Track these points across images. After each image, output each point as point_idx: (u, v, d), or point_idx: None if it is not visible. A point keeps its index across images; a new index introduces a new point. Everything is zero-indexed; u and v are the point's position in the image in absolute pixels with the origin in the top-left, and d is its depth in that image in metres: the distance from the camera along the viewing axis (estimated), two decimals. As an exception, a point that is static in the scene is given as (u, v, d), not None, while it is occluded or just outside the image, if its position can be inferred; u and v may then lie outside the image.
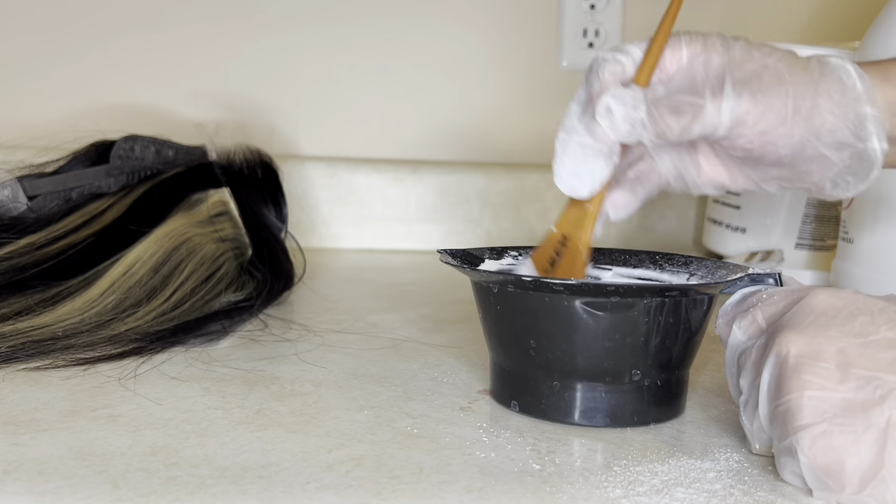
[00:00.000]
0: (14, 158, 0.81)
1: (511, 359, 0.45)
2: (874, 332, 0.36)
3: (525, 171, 1.00)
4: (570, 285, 0.41)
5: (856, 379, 0.35)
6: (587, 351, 0.42)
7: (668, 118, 0.42)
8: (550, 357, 0.43)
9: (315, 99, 1.00)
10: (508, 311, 0.44)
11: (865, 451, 0.33)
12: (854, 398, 0.34)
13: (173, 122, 0.96)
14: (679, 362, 0.44)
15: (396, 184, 0.98)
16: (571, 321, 0.42)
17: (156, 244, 0.64)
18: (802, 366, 0.36)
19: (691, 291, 0.42)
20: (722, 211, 0.91)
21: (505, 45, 1.02)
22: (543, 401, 0.44)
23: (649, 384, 0.43)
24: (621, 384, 0.43)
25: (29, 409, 0.42)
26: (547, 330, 0.42)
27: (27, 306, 0.54)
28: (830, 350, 0.36)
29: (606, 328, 0.41)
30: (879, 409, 0.34)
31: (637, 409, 0.43)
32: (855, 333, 0.36)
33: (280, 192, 0.82)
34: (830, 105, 0.42)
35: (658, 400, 0.44)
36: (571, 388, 0.43)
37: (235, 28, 0.98)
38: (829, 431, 0.34)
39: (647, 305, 0.41)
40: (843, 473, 0.34)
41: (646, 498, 0.35)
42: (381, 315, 0.65)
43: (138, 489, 0.34)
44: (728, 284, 0.44)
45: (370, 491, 0.35)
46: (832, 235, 0.85)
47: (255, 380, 0.49)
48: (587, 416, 0.43)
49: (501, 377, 0.46)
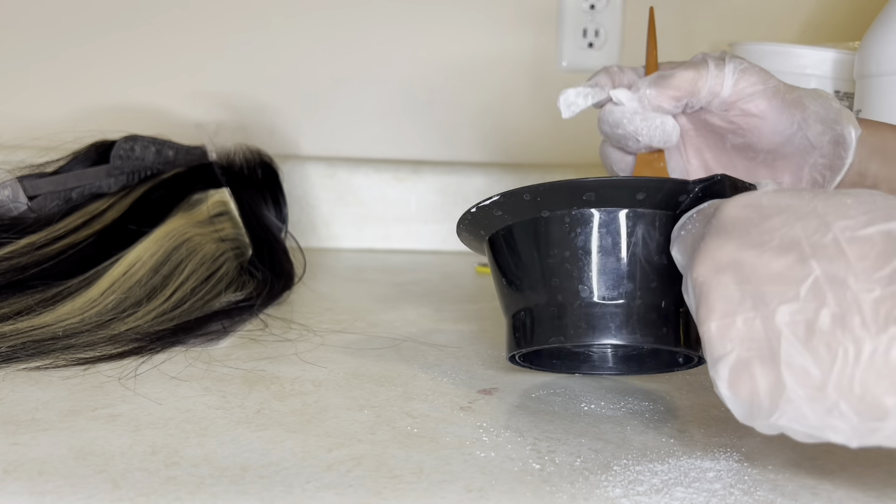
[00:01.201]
0: (14, 158, 0.81)
1: (504, 312, 0.47)
2: (770, 239, 0.34)
3: (525, 171, 1.00)
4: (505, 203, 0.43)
5: (751, 297, 0.33)
6: (535, 273, 0.43)
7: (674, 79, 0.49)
8: (515, 291, 0.45)
9: (315, 99, 1.00)
10: (492, 261, 0.47)
11: (768, 373, 0.32)
12: (753, 318, 0.33)
13: (173, 122, 0.96)
14: (638, 283, 0.42)
15: (396, 184, 0.98)
16: (518, 245, 0.44)
17: (156, 244, 0.64)
18: (707, 292, 0.35)
19: (609, 190, 0.41)
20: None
21: (505, 45, 1.01)
22: (517, 335, 0.45)
23: (603, 303, 0.42)
24: (571, 302, 0.42)
25: (29, 409, 0.42)
26: (508, 265, 0.45)
27: (27, 306, 0.54)
28: (729, 268, 0.34)
29: (544, 245, 0.43)
30: (772, 328, 0.32)
31: (594, 326, 0.42)
32: (751, 244, 0.34)
33: (280, 193, 0.82)
34: (814, 104, 0.49)
35: (618, 321, 0.42)
36: (534, 315, 0.44)
37: (235, 28, 0.98)
38: (738, 359, 0.33)
39: (575, 216, 0.42)
40: (752, 400, 0.33)
41: (645, 497, 0.35)
42: (381, 315, 0.65)
43: (138, 489, 0.34)
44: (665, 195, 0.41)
45: (370, 490, 0.35)
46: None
47: (255, 380, 0.49)
48: (545, 338, 0.43)
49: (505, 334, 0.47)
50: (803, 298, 0.32)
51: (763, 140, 0.51)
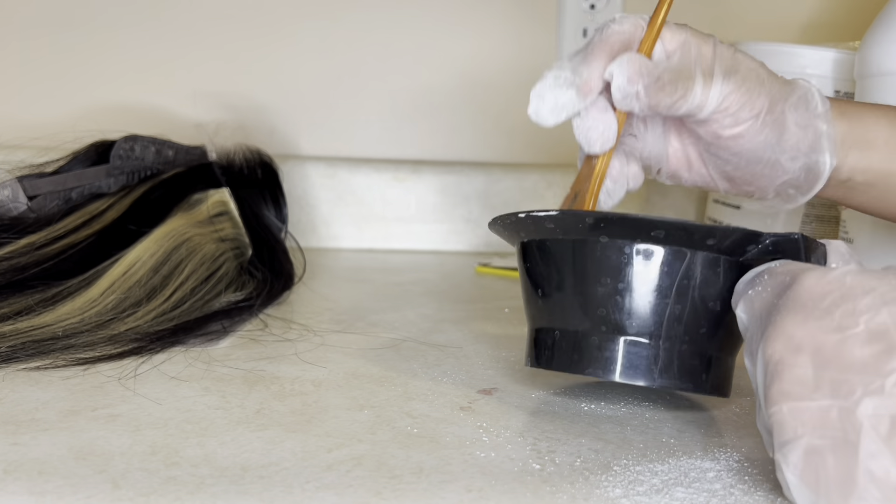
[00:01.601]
0: (14, 158, 0.81)
1: (528, 317, 0.46)
2: (854, 323, 0.32)
3: (525, 171, 1.00)
4: (563, 220, 0.41)
5: (830, 384, 0.32)
6: (579, 297, 0.42)
7: (660, 93, 0.45)
8: (552, 305, 0.43)
9: (315, 99, 1.00)
10: (527, 264, 0.45)
11: (841, 466, 0.31)
12: (830, 406, 0.32)
13: (173, 122, 0.96)
14: (689, 327, 0.41)
15: (396, 184, 0.98)
16: (566, 264, 0.42)
17: (156, 244, 0.64)
18: (781, 372, 0.33)
19: (680, 231, 0.40)
20: (721, 211, 0.91)
21: (505, 45, 1.02)
22: (546, 352, 0.44)
23: (649, 341, 0.41)
24: (616, 336, 0.41)
25: (29, 409, 0.42)
26: (548, 275, 0.43)
27: (27, 306, 0.54)
28: (808, 349, 0.33)
29: (596, 271, 0.41)
30: (852, 420, 0.31)
31: (635, 365, 0.41)
32: (834, 327, 0.33)
33: (280, 192, 0.82)
34: (795, 116, 0.47)
35: (662, 363, 0.41)
36: (569, 338, 0.43)
37: (236, 28, 0.98)
38: (809, 446, 0.32)
39: (636, 249, 0.40)
40: (819, 490, 0.31)
41: (646, 497, 0.35)
42: (381, 315, 0.65)
43: (138, 489, 0.34)
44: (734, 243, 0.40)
45: (370, 490, 0.35)
46: (832, 235, 0.85)
47: (255, 379, 0.49)
48: (581, 367, 0.42)
49: (527, 339, 0.47)
50: (888, 393, 0.30)
51: (734, 154, 0.48)
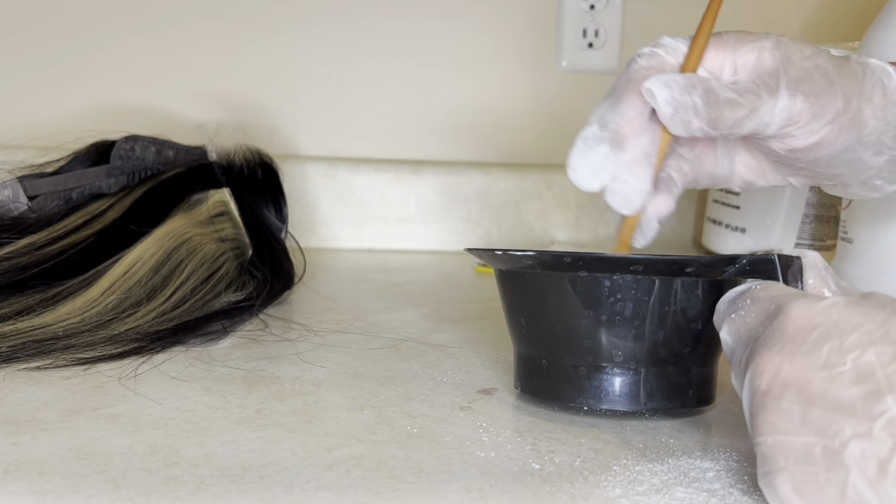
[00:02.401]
0: (14, 158, 0.81)
1: (513, 339, 0.46)
2: (840, 361, 0.32)
3: (525, 171, 1.00)
4: (542, 259, 0.41)
5: (816, 422, 0.31)
6: (564, 329, 0.42)
7: (723, 108, 0.42)
8: (537, 335, 0.43)
9: (315, 99, 1.00)
10: (507, 293, 0.45)
11: (824, 501, 0.31)
12: (815, 443, 0.31)
13: (173, 122, 0.96)
14: (673, 349, 0.42)
15: (396, 184, 0.98)
16: (548, 296, 0.42)
17: (156, 244, 0.64)
18: (768, 405, 0.33)
19: (659, 265, 0.40)
20: (721, 211, 0.91)
21: (505, 45, 1.02)
22: (535, 380, 0.44)
23: (636, 368, 0.42)
24: (603, 365, 0.42)
25: (29, 409, 0.42)
26: (529, 307, 0.43)
27: (27, 306, 0.54)
28: (794, 385, 0.33)
29: (579, 304, 0.41)
30: (838, 461, 0.30)
31: (624, 392, 0.42)
32: (821, 364, 0.32)
33: (280, 193, 0.82)
34: (872, 108, 0.43)
35: (650, 387, 0.42)
36: (557, 368, 0.43)
37: (236, 28, 0.98)
38: (794, 479, 0.31)
39: (616, 281, 0.40)
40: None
41: (645, 497, 0.35)
42: (381, 315, 0.65)
43: (139, 489, 0.34)
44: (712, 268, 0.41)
45: (370, 490, 0.35)
46: (832, 235, 0.85)
47: (255, 379, 0.49)
48: (571, 396, 0.42)
49: (514, 361, 0.47)
50: (875, 437, 0.30)
51: (810, 162, 0.45)
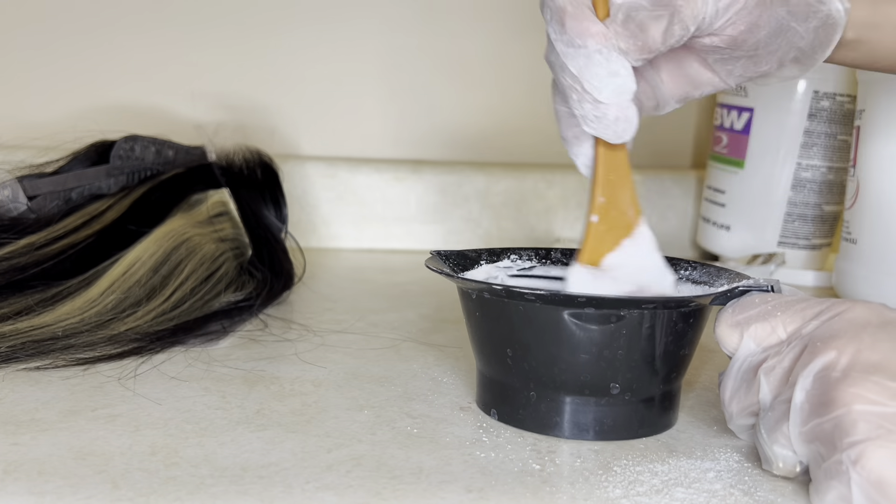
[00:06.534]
0: (14, 158, 0.81)
1: (490, 366, 0.44)
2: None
3: (525, 171, 1.00)
4: (543, 295, 0.39)
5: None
6: (562, 363, 0.40)
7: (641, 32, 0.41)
8: (526, 367, 0.41)
9: (315, 99, 1.00)
10: (486, 318, 0.42)
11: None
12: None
13: (173, 122, 0.96)
14: (667, 376, 0.42)
15: (396, 184, 0.98)
16: (546, 331, 0.40)
17: (155, 244, 0.64)
18: (852, 379, 0.33)
19: (672, 303, 0.40)
20: (709, 208, 0.91)
21: (505, 45, 1.02)
22: (521, 411, 0.42)
23: (630, 398, 0.41)
24: (600, 398, 0.41)
25: (29, 409, 0.42)
26: (522, 339, 0.41)
27: (27, 306, 0.54)
28: (881, 364, 0.33)
29: (582, 340, 0.40)
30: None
31: (618, 423, 0.41)
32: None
33: (280, 193, 0.82)
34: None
35: (641, 415, 0.42)
36: (548, 400, 0.41)
37: (236, 28, 0.98)
38: (886, 447, 0.31)
39: (624, 318, 0.39)
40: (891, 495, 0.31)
41: (646, 498, 0.35)
42: (381, 315, 0.65)
43: (138, 489, 0.34)
44: (718, 297, 0.41)
45: (370, 491, 0.35)
46: (817, 234, 0.85)
47: (255, 380, 0.49)
48: (563, 428, 0.41)
49: (483, 384, 0.45)
50: None
51: (751, 46, 0.44)
